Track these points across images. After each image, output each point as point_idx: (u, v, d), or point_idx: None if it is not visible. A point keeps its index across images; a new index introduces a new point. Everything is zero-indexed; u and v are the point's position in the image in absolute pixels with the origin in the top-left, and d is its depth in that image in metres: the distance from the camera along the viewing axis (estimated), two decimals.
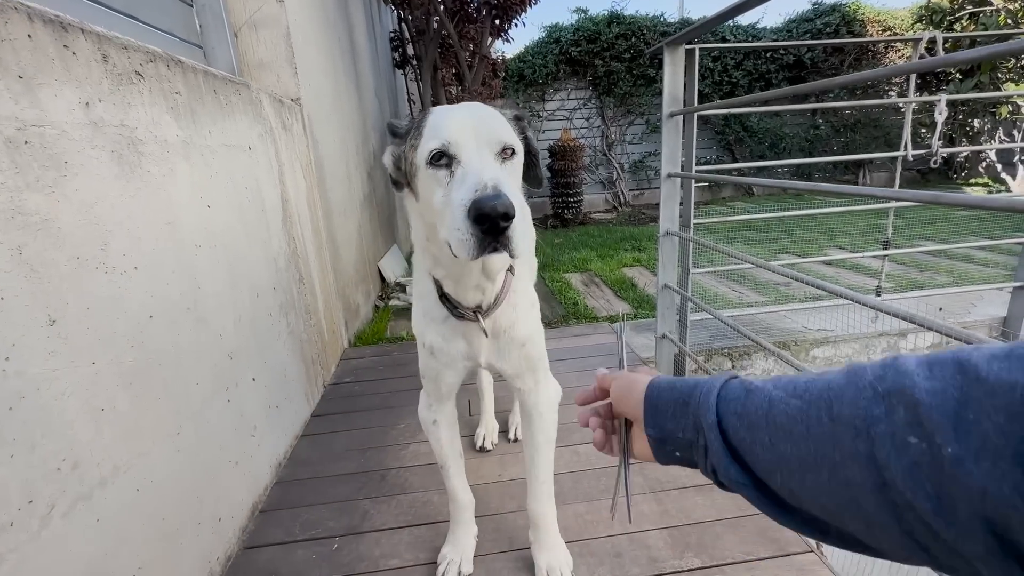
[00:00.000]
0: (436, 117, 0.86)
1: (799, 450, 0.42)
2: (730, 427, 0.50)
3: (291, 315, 2.00)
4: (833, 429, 0.40)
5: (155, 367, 1.14)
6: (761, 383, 0.51)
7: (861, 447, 0.37)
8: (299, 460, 1.82)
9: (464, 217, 0.73)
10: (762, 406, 0.47)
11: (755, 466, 0.47)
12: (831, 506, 0.41)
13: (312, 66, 2.66)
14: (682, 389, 0.58)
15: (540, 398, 1.17)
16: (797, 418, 0.43)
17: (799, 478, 0.43)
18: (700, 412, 0.53)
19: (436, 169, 0.82)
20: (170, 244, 1.24)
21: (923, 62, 1.07)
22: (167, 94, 1.28)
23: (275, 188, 1.97)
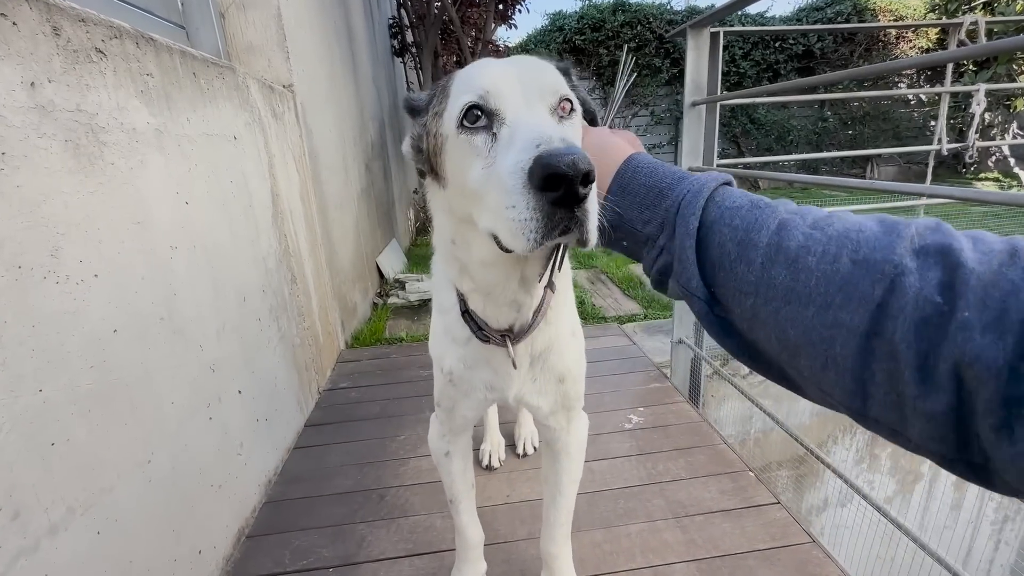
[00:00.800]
0: (468, 70, 0.68)
1: (794, 280, 0.42)
2: (715, 236, 0.48)
3: (282, 319, 1.86)
4: (852, 271, 0.39)
5: (120, 388, 1.00)
6: (771, 202, 0.49)
7: (877, 292, 0.37)
8: (291, 476, 1.69)
9: (523, 185, 0.52)
10: (768, 225, 0.45)
11: (724, 283, 0.47)
12: (794, 340, 0.42)
13: (306, 51, 2.50)
14: (663, 178, 0.54)
15: (572, 438, 1.01)
16: (810, 249, 0.42)
17: (774, 307, 0.43)
18: (679, 214, 0.50)
19: (472, 133, 0.61)
20: (139, 246, 1.09)
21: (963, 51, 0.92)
22: (136, 76, 1.13)
23: (264, 181, 1.82)
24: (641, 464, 1.65)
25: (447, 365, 0.93)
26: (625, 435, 1.80)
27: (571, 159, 0.49)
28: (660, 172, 0.55)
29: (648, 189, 0.55)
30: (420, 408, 2.05)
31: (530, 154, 0.51)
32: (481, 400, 0.95)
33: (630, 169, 0.57)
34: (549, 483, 1.09)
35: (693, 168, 1.94)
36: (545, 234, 0.52)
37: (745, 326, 0.47)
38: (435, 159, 0.70)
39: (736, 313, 0.47)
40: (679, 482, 1.56)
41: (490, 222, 0.60)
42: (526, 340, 0.83)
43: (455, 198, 0.69)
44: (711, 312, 0.50)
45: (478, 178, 0.60)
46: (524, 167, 0.51)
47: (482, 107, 0.61)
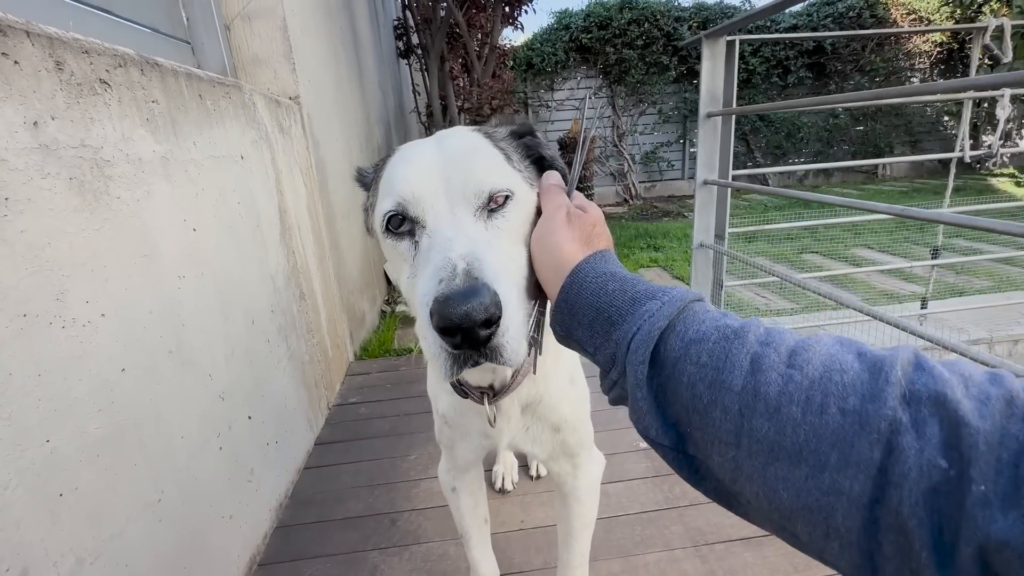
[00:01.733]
0: (392, 165, 0.65)
1: (780, 434, 0.36)
2: (682, 375, 0.42)
3: (291, 337, 1.83)
4: (843, 424, 0.34)
5: (129, 429, 0.97)
6: (738, 325, 0.43)
7: (876, 455, 0.32)
8: (302, 499, 1.67)
9: (427, 322, 0.49)
10: (740, 364, 0.40)
11: (702, 427, 0.41)
12: (788, 503, 0.36)
13: (311, 60, 2.47)
14: (613, 301, 0.48)
15: (580, 483, 0.97)
16: (792, 396, 0.37)
17: (760, 464, 0.37)
18: (628, 358, 0.45)
19: (396, 239, 0.60)
20: (147, 280, 1.07)
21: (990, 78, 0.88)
22: (141, 104, 1.10)
23: (272, 199, 1.79)
24: (658, 487, 1.62)
25: (440, 407, 0.92)
26: (640, 455, 1.77)
27: (464, 310, 0.46)
28: (610, 292, 0.48)
29: (597, 312, 0.48)
30: (431, 425, 1.99)
31: (432, 290, 0.50)
32: (478, 445, 0.93)
33: (576, 284, 0.50)
34: (561, 525, 1.06)
35: (708, 181, 1.90)
36: (456, 370, 0.51)
37: (727, 476, 0.41)
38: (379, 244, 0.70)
39: (716, 461, 0.41)
40: (697, 506, 1.53)
41: (419, 332, 0.56)
42: (511, 395, 0.78)
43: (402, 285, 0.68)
44: (680, 454, 0.44)
45: (407, 286, 0.60)
46: (427, 304, 0.49)
47: (403, 214, 0.59)
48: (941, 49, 8.42)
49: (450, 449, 0.99)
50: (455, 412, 0.89)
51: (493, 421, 0.79)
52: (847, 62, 8.27)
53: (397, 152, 0.68)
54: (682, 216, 6.95)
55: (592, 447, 0.99)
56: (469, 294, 0.47)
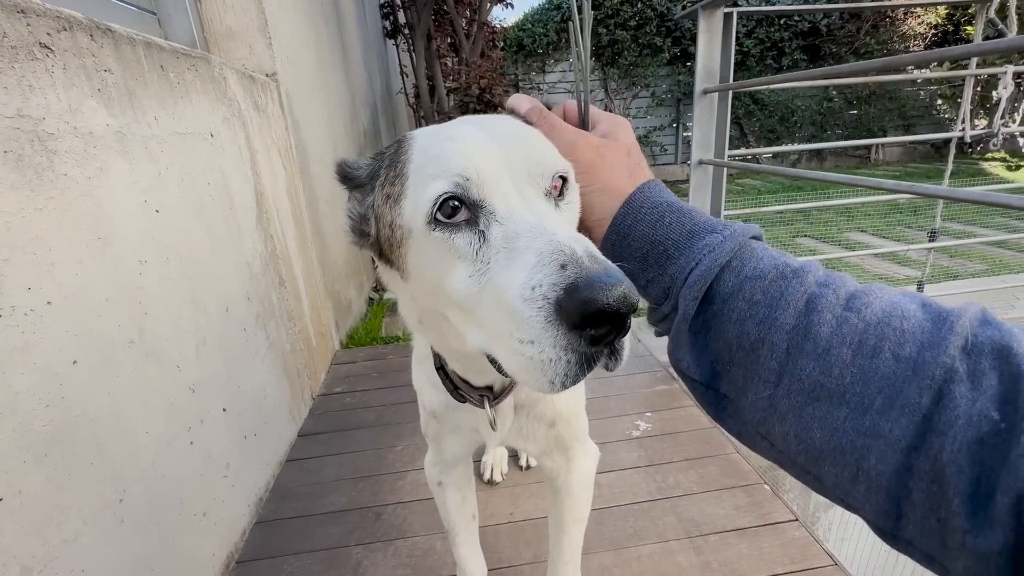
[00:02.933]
0: (429, 142, 0.53)
1: (825, 375, 0.36)
2: (732, 311, 0.41)
3: (271, 325, 1.76)
4: (895, 370, 0.33)
5: (82, 425, 0.90)
6: (798, 266, 0.41)
7: (925, 400, 0.32)
8: (283, 492, 1.61)
9: (546, 319, 0.40)
10: (795, 303, 0.39)
11: (743, 364, 0.40)
12: (819, 443, 0.36)
13: (290, 35, 2.35)
14: (670, 233, 0.46)
15: (572, 477, 0.92)
16: (845, 338, 0.36)
17: (797, 402, 0.37)
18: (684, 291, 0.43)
19: (450, 231, 0.48)
20: (102, 265, 0.99)
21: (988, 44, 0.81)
22: (91, 73, 1.01)
23: (247, 180, 1.70)
24: (651, 477, 1.57)
25: (427, 402, 0.85)
26: (633, 444, 1.72)
27: (620, 291, 0.38)
28: (666, 224, 0.46)
29: (652, 244, 0.46)
30: (418, 415, 1.96)
31: (553, 278, 0.40)
32: (468, 440, 0.88)
33: (630, 215, 0.48)
34: (553, 519, 1.00)
35: (704, 160, 1.83)
36: (577, 376, 0.41)
37: (756, 416, 0.41)
38: (391, 251, 0.55)
39: (748, 400, 0.41)
40: (691, 496, 1.49)
41: (484, 342, 0.48)
42: (509, 396, 0.73)
43: (421, 296, 0.57)
44: (709, 390, 0.44)
45: (464, 288, 0.47)
46: (547, 295, 0.40)
47: (461, 198, 0.48)
48: (936, 31, 8.34)
49: (437, 443, 0.93)
50: (445, 407, 0.82)
51: (494, 424, 0.74)
52: (842, 44, 8.18)
53: (416, 136, 0.55)
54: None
55: (586, 438, 0.94)
56: (613, 274, 0.39)
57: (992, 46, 1.03)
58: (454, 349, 0.64)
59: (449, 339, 0.60)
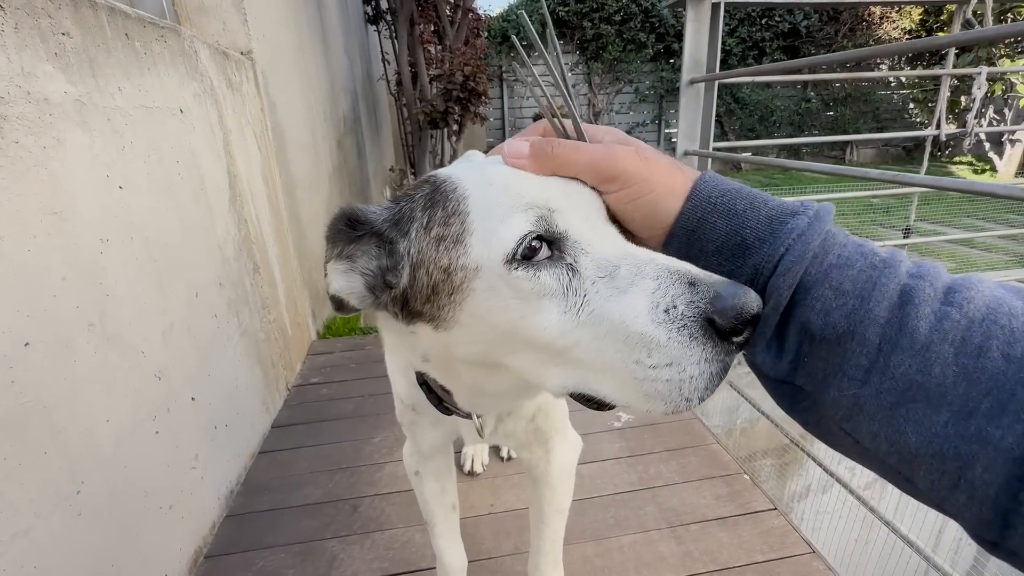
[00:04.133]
0: (487, 176, 0.49)
1: (924, 374, 0.33)
2: (816, 300, 0.38)
3: (243, 313, 1.69)
4: (1006, 371, 0.31)
5: (35, 412, 0.84)
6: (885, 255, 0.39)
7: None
8: (255, 485, 1.55)
9: (691, 336, 0.40)
10: (888, 294, 0.36)
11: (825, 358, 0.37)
12: (915, 447, 0.33)
13: (267, 14, 2.27)
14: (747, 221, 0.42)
15: (552, 467, 0.89)
16: (946, 334, 0.33)
17: (889, 403, 0.34)
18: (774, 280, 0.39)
19: (535, 270, 0.44)
20: (58, 242, 0.93)
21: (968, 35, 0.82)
22: (47, 35, 0.94)
23: (219, 161, 1.63)
24: (632, 467, 1.57)
25: (403, 392, 0.81)
26: (614, 435, 1.71)
27: (755, 295, 0.39)
28: (740, 211, 0.42)
29: (728, 236, 0.42)
30: None
31: (686, 296, 0.40)
32: (447, 431, 0.84)
33: (699, 207, 0.43)
34: (533, 510, 0.99)
35: (689, 152, 1.82)
36: (718, 385, 0.41)
37: (839, 413, 0.37)
38: (437, 299, 0.49)
39: (831, 396, 0.37)
40: (672, 487, 1.49)
41: (578, 380, 0.45)
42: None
43: (470, 345, 0.50)
44: (784, 384, 0.40)
45: (557, 327, 0.44)
46: (687, 312, 0.40)
47: (543, 234, 0.44)
48: (910, 36, 8.56)
49: (413, 434, 0.89)
50: (425, 403, 0.75)
51: (482, 432, 0.72)
52: (820, 46, 8.33)
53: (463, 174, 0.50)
54: None
55: (566, 428, 0.92)
56: (736, 282, 0.40)
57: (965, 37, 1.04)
58: (484, 391, 0.58)
59: (485, 384, 0.56)
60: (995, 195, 0.87)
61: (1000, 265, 3.50)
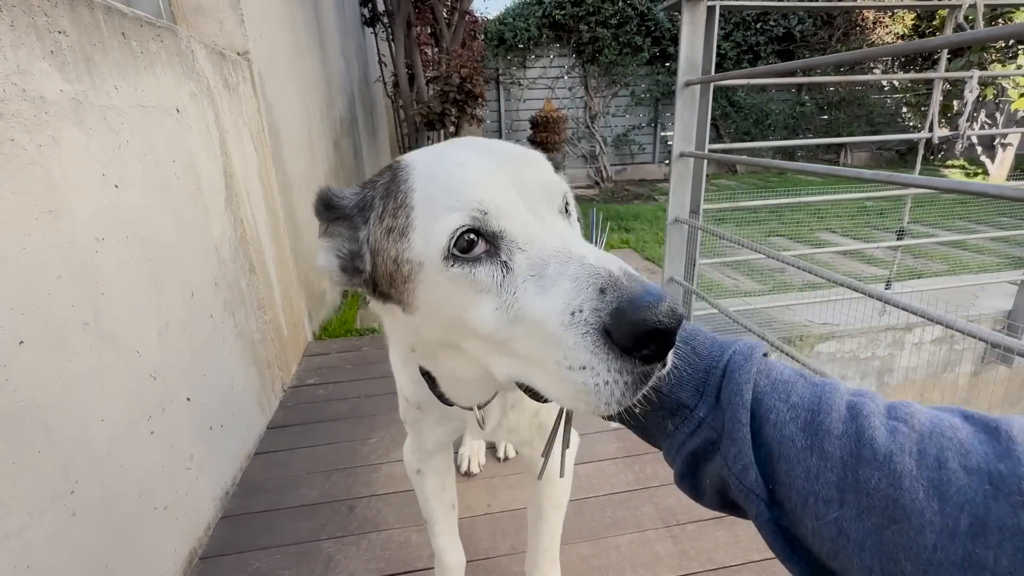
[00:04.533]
0: (433, 169, 0.50)
1: (895, 489, 0.31)
2: (768, 415, 0.37)
3: (239, 313, 1.69)
4: (968, 483, 0.29)
5: (30, 411, 0.84)
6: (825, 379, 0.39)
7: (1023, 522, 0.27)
8: (251, 486, 1.54)
9: (593, 344, 0.39)
10: (836, 407, 0.36)
11: (790, 481, 0.35)
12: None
13: (264, 14, 2.27)
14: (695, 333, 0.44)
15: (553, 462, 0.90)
16: (903, 446, 0.32)
17: (873, 525, 0.32)
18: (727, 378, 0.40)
19: (470, 265, 0.45)
20: (53, 240, 0.92)
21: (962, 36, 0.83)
22: (43, 33, 0.94)
23: (215, 161, 1.62)
24: (628, 467, 1.57)
25: (408, 390, 0.81)
26: (611, 435, 1.72)
27: (667, 307, 0.37)
28: (687, 328, 0.44)
29: (680, 342, 0.43)
30: (394, 407, 1.88)
31: (594, 303, 0.39)
32: (452, 428, 0.85)
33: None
34: (532, 507, 0.99)
35: (685, 153, 1.83)
36: (634, 394, 0.40)
37: (825, 547, 0.34)
38: (395, 287, 0.52)
39: (809, 526, 0.35)
40: (668, 486, 1.49)
41: (518, 370, 0.46)
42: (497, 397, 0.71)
43: (432, 329, 0.53)
44: (772, 519, 0.37)
45: (491, 321, 0.45)
46: (590, 320, 0.39)
47: (479, 230, 0.45)
48: (903, 41, 8.63)
49: (416, 432, 0.89)
50: (430, 400, 0.76)
51: (483, 423, 0.72)
52: (815, 50, 8.39)
53: (412, 164, 0.52)
54: (652, 199, 6.96)
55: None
56: (656, 291, 0.38)
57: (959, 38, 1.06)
58: (457, 377, 0.60)
59: (445, 365, 0.58)
60: (986, 194, 0.88)
61: (992, 267, 3.53)
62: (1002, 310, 2.70)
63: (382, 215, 0.51)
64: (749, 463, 0.37)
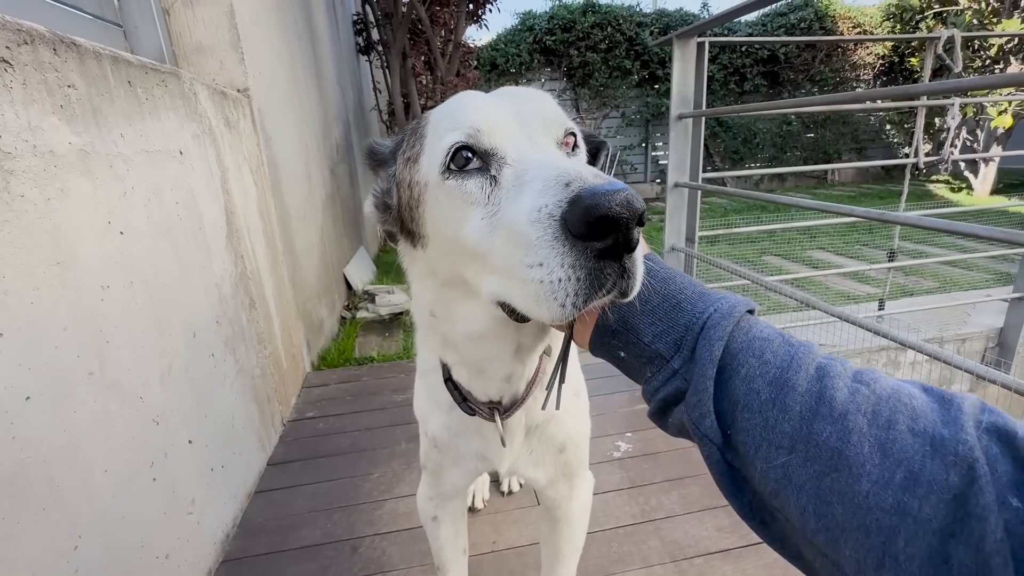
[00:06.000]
0: (448, 106, 0.56)
1: (843, 442, 0.34)
2: (739, 368, 0.40)
3: (240, 349, 1.68)
4: (912, 443, 0.32)
5: (35, 467, 0.83)
6: (801, 341, 0.42)
7: (953, 479, 0.30)
8: (252, 527, 1.52)
9: (554, 236, 0.40)
10: (806, 367, 0.38)
11: (748, 428, 0.38)
12: (841, 520, 0.33)
13: (263, 50, 2.31)
14: (682, 289, 0.46)
15: (574, 505, 0.90)
16: (859, 406, 0.35)
17: (815, 471, 0.35)
18: (703, 335, 0.42)
19: (462, 178, 0.50)
20: (60, 292, 0.93)
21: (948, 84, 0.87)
22: (54, 88, 0.96)
23: (216, 199, 1.64)
24: (633, 499, 1.56)
25: (431, 430, 0.82)
26: (614, 465, 1.71)
27: (623, 196, 0.38)
28: (677, 281, 0.47)
29: (664, 298, 0.46)
30: (395, 440, 1.91)
31: (559, 196, 0.40)
32: (472, 470, 0.84)
33: (645, 270, 0.47)
34: (547, 549, 0.98)
35: (680, 183, 1.87)
36: (588, 296, 0.41)
37: (768, 488, 0.38)
38: (410, 214, 0.58)
39: (758, 468, 0.38)
40: (674, 519, 1.48)
41: (498, 287, 0.48)
42: (519, 412, 0.71)
43: (440, 258, 0.57)
44: (723, 460, 0.41)
45: (477, 231, 0.48)
46: (552, 212, 0.40)
47: (473, 147, 0.50)
48: (883, 61, 8.90)
49: (437, 476, 0.89)
50: (450, 434, 0.80)
51: (504, 440, 0.72)
52: (799, 71, 8.62)
53: (438, 108, 0.58)
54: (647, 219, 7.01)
55: (587, 466, 0.93)
56: (616, 184, 0.39)
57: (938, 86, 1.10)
58: (471, 332, 0.60)
59: (459, 322, 0.60)
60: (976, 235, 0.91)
61: (981, 284, 3.59)
62: (994, 327, 2.74)
63: (405, 150, 0.59)
64: (707, 411, 0.40)
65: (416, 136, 0.57)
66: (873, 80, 8.98)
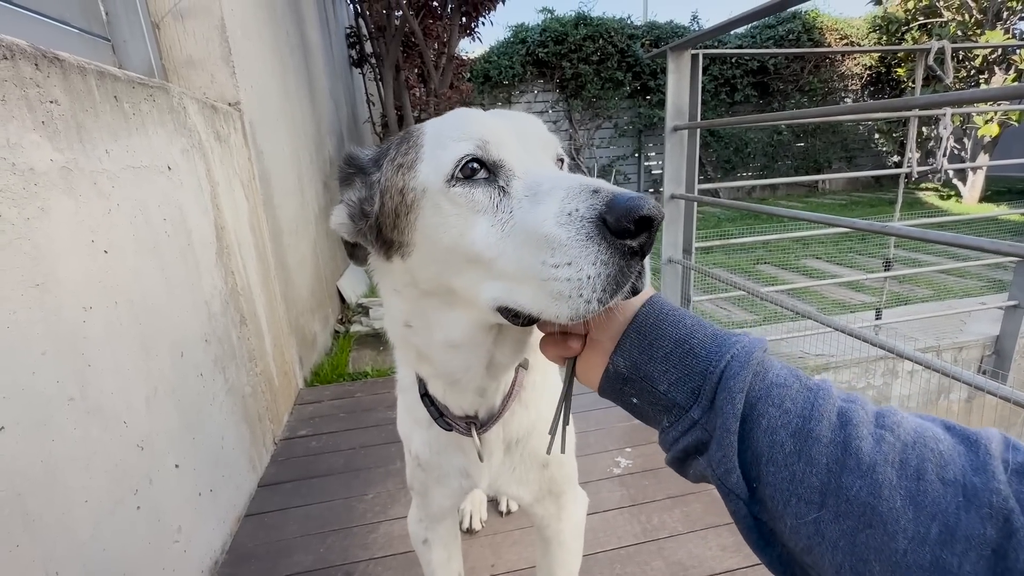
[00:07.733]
0: (444, 120, 0.58)
1: (875, 496, 0.33)
2: (761, 419, 0.38)
3: (230, 368, 1.64)
4: (944, 494, 0.31)
5: (9, 502, 0.79)
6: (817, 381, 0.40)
7: (990, 533, 0.29)
8: (241, 553, 1.47)
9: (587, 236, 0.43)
10: (827, 415, 0.37)
11: (774, 482, 0.37)
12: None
13: (254, 64, 2.29)
14: (694, 332, 0.45)
15: (564, 525, 0.88)
16: (887, 456, 0.33)
17: (849, 527, 0.33)
18: (722, 385, 0.40)
19: (470, 187, 0.51)
20: (39, 315, 0.89)
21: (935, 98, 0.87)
22: (35, 104, 0.93)
23: (206, 215, 1.60)
24: (635, 517, 1.53)
25: (414, 448, 0.81)
26: (614, 482, 1.68)
27: (653, 202, 0.42)
28: (688, 323, 0.46)
29: (676, 344, 0.44)
30: (390, 458, 1.86)
31: (590, 201, 0.44)
32: (456, 488, 0.83)
33: (654, 313, 0.46)
34: (542, 573, 0.95)
35: (676, 195, 1.86)
36: (613, 292, 0.43)
37: (800, 544, 0.36)
38: (395, 221, 0.57)
39: (788, 524, 0.37)
40: (677, 538, 1.45)
41: (501, 291, 0.50)
42: (496, 426, 0.72)
43: (425, 267, 0.56)
44: (750, 514, 0.39)
45: (484, 237, 0.50)
46: (586, 215, 0.43)
47: (481, 159, 0.52)
48: (871, 72, 9.03)
49: (423, 496, 0.87)
50: (432, 451, 0.79)
51: (482, 455, 0.72)
52: (788, 82, 8.73)
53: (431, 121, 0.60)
54: None
55: (576, 483, 0.90)
56: (635, 193, 0.43)
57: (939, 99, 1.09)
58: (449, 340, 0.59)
59: (436, 330, 0.59)
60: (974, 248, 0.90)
61: (975, 291, 3.60)
62: (990, 335, 2.74)
63: (394, 157, 0.59)
64: (732, 467, 0.39)
65: (409, 144, 0.58)
66: (860, 91, 9.11)
